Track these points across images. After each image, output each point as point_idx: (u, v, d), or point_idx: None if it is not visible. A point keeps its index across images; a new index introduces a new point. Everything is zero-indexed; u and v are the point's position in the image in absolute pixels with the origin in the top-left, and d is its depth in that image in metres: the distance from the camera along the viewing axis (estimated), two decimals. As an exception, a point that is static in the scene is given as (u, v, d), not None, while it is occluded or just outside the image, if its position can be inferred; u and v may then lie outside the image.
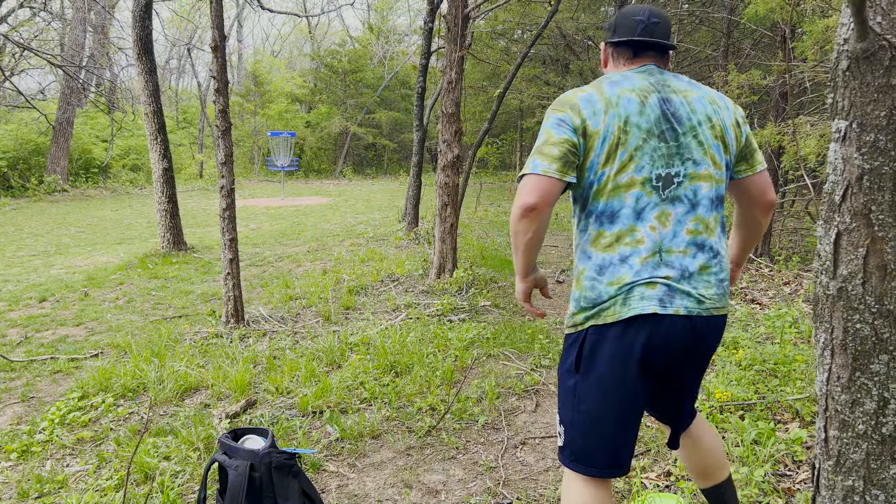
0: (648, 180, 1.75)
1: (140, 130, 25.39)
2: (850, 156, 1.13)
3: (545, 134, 1.77)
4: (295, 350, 4.75)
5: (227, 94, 5.20)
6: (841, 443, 1.19)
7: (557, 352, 4.64)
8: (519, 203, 1.70)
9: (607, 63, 2.03)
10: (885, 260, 1.12)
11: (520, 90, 13.69)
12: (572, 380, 1.86)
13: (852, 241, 1.14)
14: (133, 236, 11.70)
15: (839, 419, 1.19)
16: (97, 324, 5.82)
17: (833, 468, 1.20)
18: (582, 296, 1.82)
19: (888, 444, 1.15)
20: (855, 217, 1.14)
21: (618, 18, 1.96)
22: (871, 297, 1.13)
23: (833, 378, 1.19)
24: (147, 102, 8.68)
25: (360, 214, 14.59)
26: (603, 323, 1.78)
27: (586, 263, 1.82)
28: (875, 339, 1.14)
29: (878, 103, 1.09)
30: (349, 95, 31.91)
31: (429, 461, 3.21)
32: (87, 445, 3.43)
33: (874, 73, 1.09)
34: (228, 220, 5.24)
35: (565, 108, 1.78)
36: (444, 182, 6.54)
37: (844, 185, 1.14)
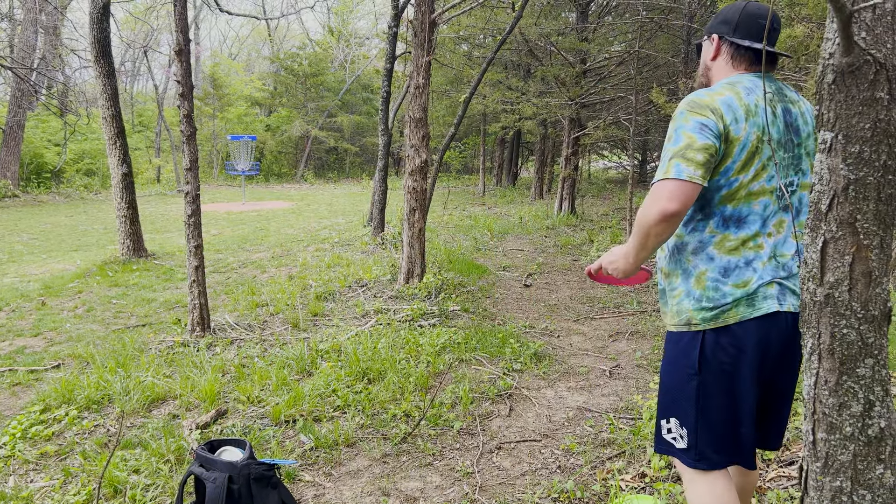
0: (776, 189, 1.81)
1: (94, 134, 24.80)
2: (835, 166, 1.17)
3: (687, 138, 1.72)
4: (264, 358, 4.69)
5: (192, 99, 5.11)
6: (829, 445, 1.22)
7: (529, 356, 4.67)
8: (659, 208, 1.68)
9: (717, 57, 1.98)
10: (870, 267, 1.16)
11: (483, 95, 13.76)
12: (693, 381, 1.87)
13: (839, 249, 1.18)
14: (90, 243, 11.41)
15: (827, 422, 1.22)
16: (56, 334, 5.66)
17: (821, 470, 1.24)
18: (704, 296, 1.83)
19: (874, 445, 1.19)
20: (841, 226, 1.17)
21: (741, 16, 1.91)
22: (857, 303, 1.17)
23: (821, 382, 1.22)
24: (105, 106, 8.48)
25: (323, 219, 14.48)
26: (724, 325, 1.81)
27: (708, 265, 1.84)
28: (861, 344, 1.18)
29: (863, 116, 1.13)
30: (310, 99, 31.67)
31: (405, 468, 3.20)
32: (51, 460, 3.33)
33: (859, 86, 1.13)
34: (194, 226, 5.15)
35: (707, 112, 1.74)
36: (411, 187, 6.53)
37: (831, 194, 1.18)
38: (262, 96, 33.03)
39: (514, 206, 16.81)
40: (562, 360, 4.76)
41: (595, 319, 5.93)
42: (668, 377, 1.97)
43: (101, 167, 23.94)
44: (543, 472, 3.13)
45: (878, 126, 1.12)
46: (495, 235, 11.39)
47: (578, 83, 12.27)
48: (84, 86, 27.04)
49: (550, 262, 8.88)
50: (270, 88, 33.63)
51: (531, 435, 3.55)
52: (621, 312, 6.13)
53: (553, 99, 12.98)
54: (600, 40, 12.21)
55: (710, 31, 2.01)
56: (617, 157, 26.78)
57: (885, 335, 1.19)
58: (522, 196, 20.30)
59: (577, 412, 3.84)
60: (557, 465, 3.20)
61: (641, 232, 1.77)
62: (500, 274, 8.01)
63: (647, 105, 11.50)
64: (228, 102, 29.72)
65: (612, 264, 1.97)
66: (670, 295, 1.95)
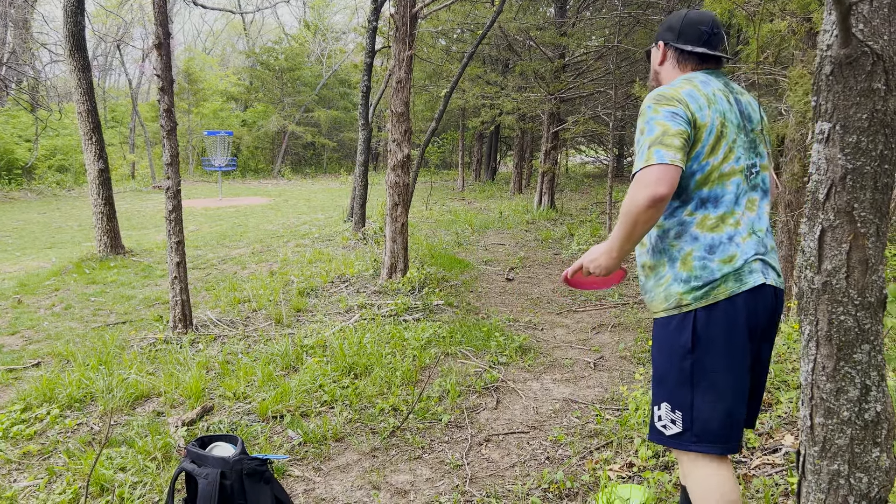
0: (744, 169, 1.92)
1: (67, 130, 24.39)
2: (833, 156, 1.19)
3: (661, 126, 1.81)
4: (249, 354, 4.66)
5: (172, 93, 5.05)
6: (826, 429, 1.25)
7: (514, 349, 4.70)
8: (649, 193, 1.73)
9: (664, 62, 2.14)
10: (866, 255, 1.19)
11: (463, 90, 13.76)
12: (687, 361, 1.89)
13: (836, 238, 1.20)
14: (64, 240, 11.23)
15: (824, 407, 1.25)
16: (34, 332, 5.57)
17: (819, 454, 1.26)
18: (692, 275, 1.89)
19: (870, 429, 1.22)
20: (838, 214, 1.20)
21: (683, 24, 2.07)
22: (854, 290, 1.19)
23: (818, 368, 1.25)
24: (80, 101, 8.34)
25: (302, 215, 14.39)
26: (714, 301, 1.86)
27: (693, 244, 1.90)
28: (858, 330, 1.20)
29: (861, 106, 1.15)
30: (286, 94, 31.43)
31: (395, 462, 3.20)
32: (34, 459, 3.28)
33: (857, 77, 1.15)
34: (175, 222, 5.10)
35: (674, 102, 1.86)
36: (394, 181, 6.52)
37: (828, 184, 1.20)
38: (237, 91, 32.72)
39: (493, 201, 16.85)
40: (546, 352, 4.79)
41: (578, 312, 5.98)
42: (658, 363, 2.00)
43: (73, 163, 23.56)
44: (532, 464, 3.16)
45: (876, 116, 1.14)
46: (476, 230, 11.41)
47: (557, 78, 12.31)
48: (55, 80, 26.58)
49: (532, 256, 8.92)
50: (246, 83, 33.31)
51: (519, 427, 3.58)
52: (603, 305, 6.19)
53: (532, 94, 13.02)
54: (579, 35, 12.27)
55: (658, 38, 2.17)
56: (594, 151, 26.97)
57: (880, 321, 1.22)
58: (502, 191, 20.35)
59: (564, 404, 3.87)
60: (546, 456, 3.23)
61: (629, 220, 1.81)
62: (483, 268, 8.03)
63: (626, 99, 11.59)
64: (204, 97, 29.41)
65: (593, 262, 1.99)
66: (656, 284, 1.98)
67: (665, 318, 1.96)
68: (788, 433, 3.26)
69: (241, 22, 38.86)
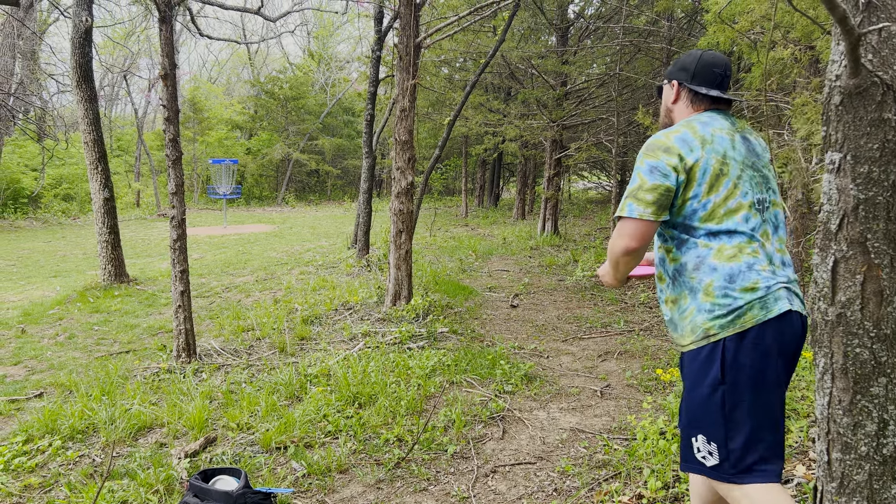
0: (753, 204, 1.97)
1: (73, 159, 24.58)
2: (845, 187, 1.18)
3: (639, 179, 1.95)
4: (252, 384, 4.62)
5: (178, 123, 5.08)
6: (844, 465, 1.22)
7: (519, 377, 4.65)
8: (622, 245, 1.96)
9: (678, 101, 2.20)
10: (881, 286, 1.17)
11: (466, 118, 13.84)
12: (718, 392, 1.90)
13: (849, 269, 1.19)
14: (69, 268, 11.24)
15: (842, 441, 1.22)
16: (37, 362, 5.55)
17: (837, 490, 1.23)
18: (715, 304, 1.92)
19: (889, 464, 1.19)
20: (851, 245, 1.18)
21: (698, 66, 2.15)
22: (870, 322, 1.17)
23: (834, 402, 1.22)
24: (87, 131, 8.40)
25: (306, 242, 14.41)
26: (741, 329, 1.87)
27: (712, 275, 1.94)
28: (874, 363, 1.18)
29: (871, 136, 1.14)
30: (291, 122, 31.66)
31: (400, 494, 3.15)
32: (35, 492, 3.24)
33: (867, 107, 1.14)
34: (179, 251, 5.10)
35: (658, 154, 1.96)
36: (398, 209, 6.53)
37: (840, 214, 1.19)
38: (242, 120, 32.98)
39: (497, 227, 16.86)
40: (552, 380, 4.75)
41: (583, 339, 5.94)
42: (690, 395, 2.00)
43: (79, 192, 23.69)
44: (540, 496, 3.11)
45: (887, 146, 1.13)
46: (480, 256, 11.40)
47: (560, 105, 12.39)
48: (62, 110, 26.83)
49: (536, 283, 8.89)
50: (251, 112, 33.58)
51: (525, 457, 3.53)
52: (609, 332, 6.14)
53: (535, 121, 13.09)
54: (580, 63, 12.36)
55: (671, 76, 2.24)
56: (597, 177, 27.04)
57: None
58: (505, 217, 20.38)
59: (571, 433, 3.82)
60: (553, 487, 3.18)
61: (612, 260, 2.06)
62: (487, 295, 8.00)
63: (628, 126, 11.64)
64: (209, 126, 29.64)
65: (603, 276, 2.20)
66: (681, 318, 2.02)
67: (694, 351, 1.98)
68: (800, 463, 3.21)
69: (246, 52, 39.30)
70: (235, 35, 39.64)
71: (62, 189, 23.87)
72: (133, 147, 30.15)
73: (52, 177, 23.66)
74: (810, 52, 3.33)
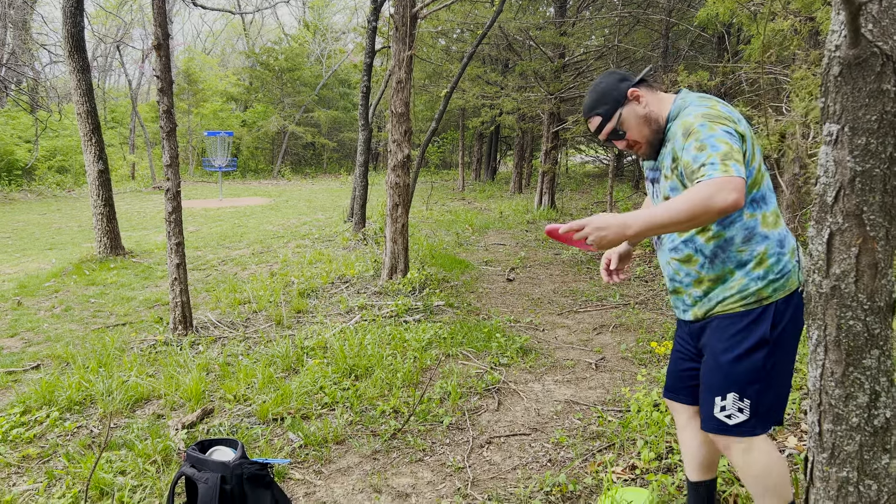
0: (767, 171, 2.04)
1: (67, 131, 24.37)
2: (842, 159, 1.17)
3: (725, 143, 1.81)
4: (249, 356, 4.64)
5: (172, 94, 5.03)
6: (835, 436, 1.23)
7: (515, 350, 4.68)
8: (733, 198, 1.69)
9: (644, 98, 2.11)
10: (876, 259, 1.17)
11: (463, 90, 13.74)
12: (762, 351, 1.96)
13: (845, 241, 1.18)
14: (64, 241, 11.21)
15: (833, 413, 1.23)
16: (34, 334, 5.55)
17: (828, 460, 1.25)
18: (770, 270, 1.96)
19: (880, 435, 1.20)
20: (847, 218, 1.18)
21: (619, 73, 2.18)
22: (864, 295, 1.18)
23: (827, 374, 1.23)
24: (80, 102, 8.32)
25: (302, 215, 14.37)
26: (789, 292, 1.96)
27: (765, 243, 1.97)
28: (867, 335, 1.18)
29: (870, 108, 1.14)
30: (286, 94, 31.41)
31: (396, 464, 3.19)
32: (34, 462, 3.26)
33: (866, 78, 1.13)
34: (175, 223, 5.08)
35: (729, 122, 1.90)
36: (394, 182, 6.50)
37: (837, 187, 1.18)
38: (237, 92, 32.69)
39: (493, 201, 16.83)
40: (548, 353, 4.78)
41: (579, 313, 5.96)
42: (725, 356, 2.01)
43: (73, 164, 23.54)
44: (534, 466, 3.14)
45: (885, 118, 1.12)
46: (476, 230, 11.39)
47: (557, 77, 12.29)
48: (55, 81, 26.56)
49: (532, 257, 8.90)
50: (246, 84, 33.29)
51: (520, 429, 3.56)
52: (604, 306, 6.17)
53: (532, 94, 13.00)
54: (579, 34, 12.24)
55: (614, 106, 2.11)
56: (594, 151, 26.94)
57: (890, 326, 1.20)
58: (502, 191, 20.33)
59: (566, 405, 3.86)
60: (548, 458, 3.21)
61: (690, 213, 1.71)
62: (483, 268, 8.01)
63: (626, 99, 11.55)
64: (203, 98, 29.38)
65: (599, 232, 1.80)
66: (725, 290, 2.02)
67: (742, 313, 2.00)
68: (792, 434, 3.25)
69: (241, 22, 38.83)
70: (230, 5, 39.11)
71: (56, 161, 23.71)
72: (127, 119, 29.90)
73: (46, 149, 23.49)
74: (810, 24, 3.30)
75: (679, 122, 1.98)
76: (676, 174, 2.00)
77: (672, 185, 2.03)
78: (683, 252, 2.07)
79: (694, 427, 2.30)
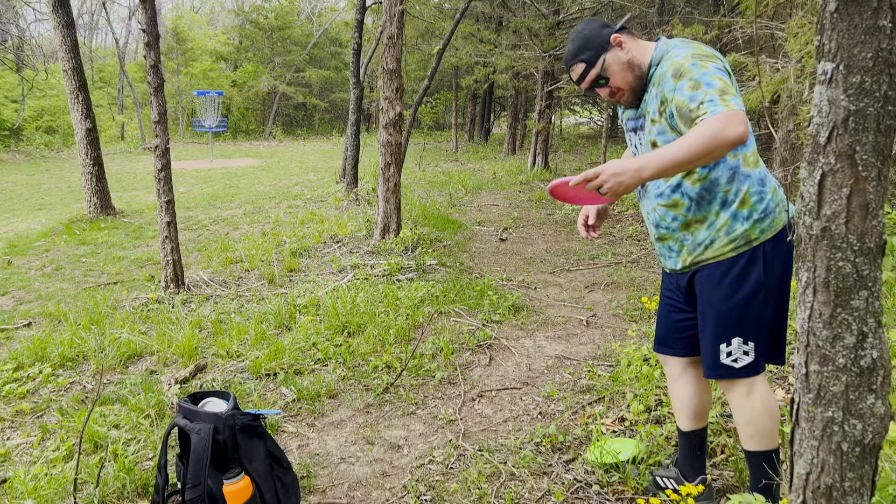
0: None
1: (54, 90, 23.99)
2: (836, 98, 1.15)
3: (720, 79, 1.82)
4: (241, 314, 4.65)
5: (159, 49, 4.93)
6: (821, 377, 1.24)
7: (507, 307, 4.70)
8: (741, 131, 1.72)
9: (627, 45, 2.07)
10: (867, 199, 1.16)
11: (456, 48, 13.54)
12: (760, 293, 2.01)
13: (836, 182, 1.18)
14: (54, 201, 11.12)
15: (820, 354, 1.24)
16: (25, 293, 5.54)
17: (813, 401, 1.26)
18: (753, 210, 1.99)
19: (866, 375, 1.21)
20: (839, 158, 1.17)
21: (601, 21, 2.15)
22: (854, 236, 1.17)
23: (815, 315, 1.23)
24: (65, 59, 8.16)
25: (294, 176, 14.27)
26: (775, 232, 2.00)
27: (747, 182, 1.99)
28: (856, 276, 1.18)
29: (865, 45, 1.12)
30: (277, 53, 30.91)
31: (388, 417, 3.22)
32: (27, 417, 3.29)
33: (862, 14, 1.11)
34: (164, 181, 5.03)
35: (716, 59, 1.92)
36: (386, 140, 6.44)
37: (830, 126, 1.17)
38: (227, 51, 32.16)
39: (487, 162, 16.74)
40: (539, 310, 4.80)
41: (571, 271, 5.98)
42: (725, 303, 2.04)
43: (62, 124, 23.22)
44: (525, 419, 3.18)
45: (880, 55, 1.10)
46: (470, 191, 11.35)
47: (552, 35, 12.12)
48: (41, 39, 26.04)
49: (525, 217, 8.89)
50: (235, 43, 32.73)
51: (512, 383, 3.59)
52: (596, 264, 6.18)
53: (526, 51, 12.83)
54: (574, -9, 12.03)
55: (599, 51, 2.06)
56: (588, 112, 26.75)
57: (879, 267, 1.20)
58: (495, 152, 20.22)
59: (556, 360, 3.89)
60: (539, 411, 3.25)
61: (703, 148, 1.73)
62: (476, 229, 8.00)
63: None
64: (192, 57, 28.89)
65: (616, 177, 1.80)
66: (712, 233, 2.03)
67: (733, 258, 2.02)
68: (779, 387, 3.29)
69: (230, -21, 37.99)
70: (218, -39, 38.20)
71: (44, 121, 23.37)
72: (115, 79, 29.42)
73: (33, 108, 23.13)
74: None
75: (666, 64, 1.96)
76: (665, 117, 1.98)
77: (660, 129, 2.02)
78: (670, 197, 2.08)
79: (686, 378, 2.32)
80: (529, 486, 2.57)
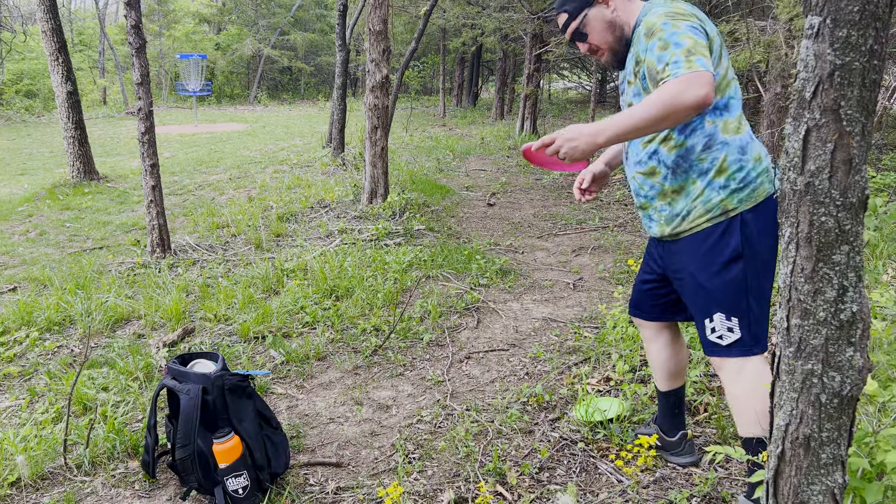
0: (735, 78, 1.94)
1: (33, 53, 23.51)
2: (822, 52, 1.15)
3: (689, 39, 1.74)
4: (229, 278, 4.64)
5: (140, 8, 4.83)
6: (802, 330, 1.26)
7: (494, 271, 4.72)
8: (703, 93, 1.64)
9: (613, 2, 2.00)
10: (851, 154, 1.17)
11: (444, 10, 13.34)
12: (738, 265, 1.91)
13: (821, 137, 1.18)
14: (36, 167, 10.96)
15: (801, 308, 1.25)
16: (9, 258, 5.49)
17: (794, 354, 1.28)
18: (731, 178, 1.90)
19: (846, 329, 1.23)
20: (824, 113, 1.17)
21: None
22: (837, 191, 1.18)
23: (797, 270, 1.25)
24: (44, 19, 7.98)
25: (280, 141, 14.13)
26: (756, 203, 1.90)
27: (725, 150, 1.90)
28: (838, 231, 1.20)
29: (852, -2, 1.11)
30: (261, 15, 30.33)
31: (377, 379, 3.24)
32: (15, 381, 3.29)
33: (850, -33, 1.10)
34: (148, 144, 4.97)
35: (691, 17, 1.83)
36: (373, 104, 6.38)
37: (816, 81, 1.17)
38: (210, 13, 31.52)
39: (475, 127, 16.64)
40: (527, 274, 4.82)
41: (558, 236, 6.00)
42: (702, 276, 1.97)
43: (42, 89, 22.79)
44: (512, 379, 3.21)
45: (867, 9, 1.10)
46: (457, 156, 11.30)
47: (540, -3, 11.96)
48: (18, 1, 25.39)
49: (513, 182, 8.88)
50: (219, 4, 32.07)
51: (499, 345, 3.62)
52: (584, 229, 6.20)
53: (515, 13, 12.67)
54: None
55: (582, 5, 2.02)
56: (577, 77, 26.53)
57: (861, 222, 1.21)
58: (483, 117, 20.08)
59: (543, 322, 3.92)
60: (525, 371, 3.29)
61: (659, 113, 1.68)
62: (464, 194, 7.99)
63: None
64: (175, 19, 28.34)
65: (570, 143, 1.80)
66: (689, 203, 1.95)
67: (709, 228, 1.94)
68: (762, 348, 3.33)
69: (211, -62, 37.06)
70: (199, -80, 37.20)
71: (24, 85, 22.94)
72: (96, 41, 28.83)
73: (13, 72, 22.68)
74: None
75: (642, 24, 1.90)
76: (639, 78, 1.93)
77: (635, 91, 1.97)
78: (647, 165, 2.02)
79: (661, 341, 2.34)
80: (516, 443, 2.61)
